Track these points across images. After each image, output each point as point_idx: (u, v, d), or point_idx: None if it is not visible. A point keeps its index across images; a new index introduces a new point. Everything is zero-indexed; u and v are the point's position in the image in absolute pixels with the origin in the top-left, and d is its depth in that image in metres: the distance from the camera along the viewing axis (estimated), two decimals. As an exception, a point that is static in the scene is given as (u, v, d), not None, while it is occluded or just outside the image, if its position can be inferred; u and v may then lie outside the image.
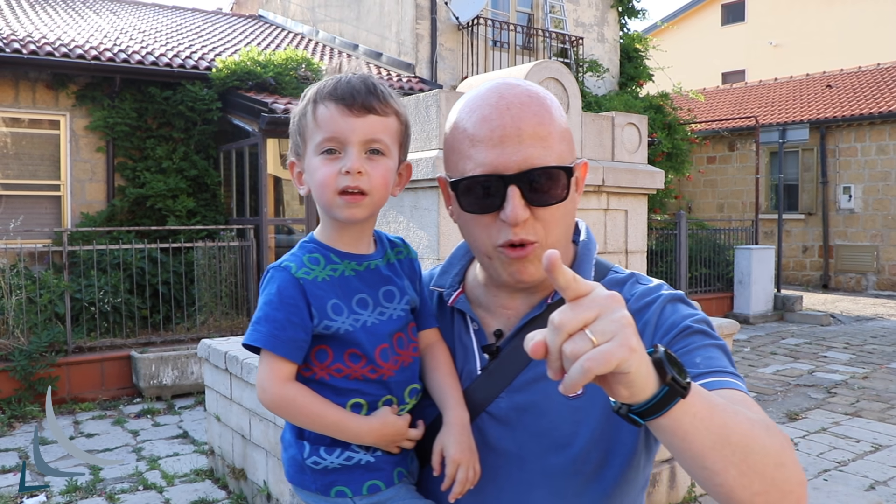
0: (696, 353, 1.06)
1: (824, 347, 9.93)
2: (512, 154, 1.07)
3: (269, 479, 4.30)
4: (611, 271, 1.23)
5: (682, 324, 1.10)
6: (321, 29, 14.42)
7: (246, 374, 4.43)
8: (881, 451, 5.63)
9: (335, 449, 1.18)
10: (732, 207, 17.98)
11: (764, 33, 24.17)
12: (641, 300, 1.15)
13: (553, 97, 1.15)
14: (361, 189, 1.15)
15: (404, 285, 1.25)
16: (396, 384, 1.19)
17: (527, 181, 1.07)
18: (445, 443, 1.14)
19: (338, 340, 1.16)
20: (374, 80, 1.18)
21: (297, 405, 1.15)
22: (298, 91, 9.79)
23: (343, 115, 1.14)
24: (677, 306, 1.13)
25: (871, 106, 15.87)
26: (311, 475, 1.19)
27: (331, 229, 1.22)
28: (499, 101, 1.09)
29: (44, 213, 9.25)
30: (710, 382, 1.00)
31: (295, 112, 1.22)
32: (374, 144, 1.16)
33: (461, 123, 1.12)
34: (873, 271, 15.88)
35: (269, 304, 1.15)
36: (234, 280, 8.57)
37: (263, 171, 9.14)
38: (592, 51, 14.12)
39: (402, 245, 1.32)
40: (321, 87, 1.18)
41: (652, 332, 1.11)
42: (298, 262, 1.18)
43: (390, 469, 1.19)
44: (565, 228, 1.15)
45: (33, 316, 7.13)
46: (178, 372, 7.24)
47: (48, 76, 9.13)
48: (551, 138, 1.09)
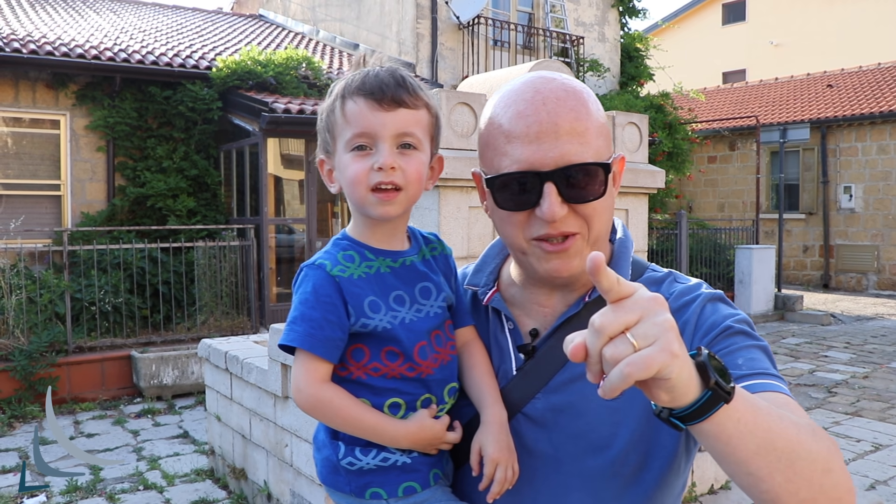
0: (738, 354, 1.04)
1: (825, 347, 9.92)
2: (548, 150, 1.05)
3: (270, 479, 4.29)
4: (648, 269, 1.22)
5: (723, 324, 1.08)
6: (322, 28, 14.42)
7: (246, 374, 4.43)
8: (882, 451, 5.63)
9: (371, 450, 1.15)
10: (733, 207, 17.97)
11: (765, 33, 24.15)
12: (680, 299, 1.13)
13: (590, 91, 1.12)
14: (396, 184, 1.13)
15: (440, 282, 1.22)
16: (436, 383, 1.17)
17: (563, 178, 1.05)
18: (484, 442, 1.12)
19: (375, 338, 1.14)
20: (402, 72, 1.16)
21: (333, 408, 1.12)
22: (299, 91, 9.79)
23: (373, 110, 1.12)
24: (717, 306, 1.12)
25: (872, 105, 15.86)
26: (346, 476, 1.17)
27: (363, 226, 1.20)
28: (534, 95, 1.07)
29: (44, 212, 9.25)
30: (752, 385, 0.98)
31: (322, 108, 1.20)
32: (406, 138, 1.14)
33: (496, 119, 1.10)
34: (874, 271, 15.87)
35: (304, 304, 1.13)
36: (235, 280, 8.56)
37: (264, 170, 9.13)
38: (593, 50, 14.11)
39: (436, 241, 1.29)
40: (349, 82, 1.15)
41: (692, 332, 1.09)
42: (333, 260, 1.16)
43: (426, 470, 1.16)
44: (605, 224, 1.13)
45: (33, 316, 7.13)
46: (179, 372, 7.24)
47: (48, 76, 9.13)
48: (588, 133, 1.07)
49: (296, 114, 8.66)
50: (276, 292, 9.61)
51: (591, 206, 1.08)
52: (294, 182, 10.00)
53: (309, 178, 9.54)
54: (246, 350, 4.77)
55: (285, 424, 4.03)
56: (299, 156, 9.76)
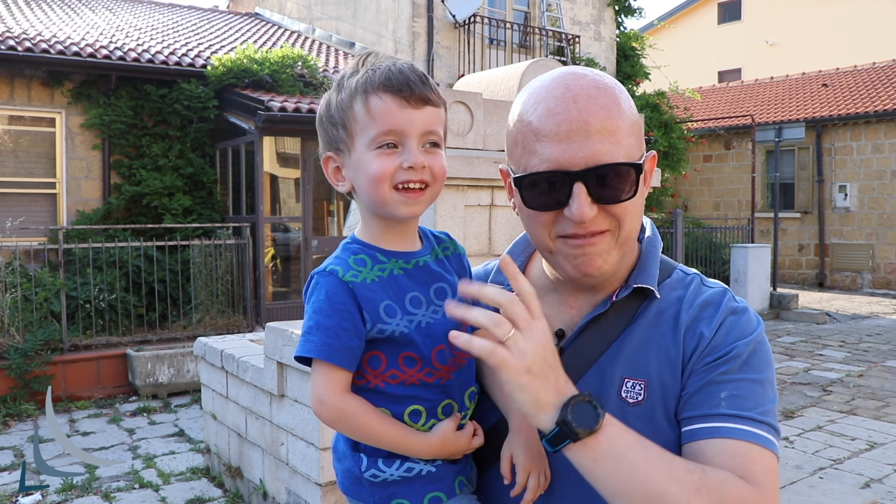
0: (725, 387, 1.03)
1: (820, 346, 9.95)
2: (578, 149, 1.02)
3: (266, 478, 4.30)
4: (676, 269, 1.20)
5: (729, 346, 1.06)
6: (318, 27, 14.40)
7: (242, 373, 4.43)
8: (876, 449, 5.65)
9: (394, 461, 1.13)
10: (728, 206, 18.01)
11: (760, 32, 24.19)
12: (706, 308, 1.11)
13: (622, 88, 1.09)
14: (425, 182, 1.11)
15: (455, 282, 1.19)
16: (455, 388, 1.14)
17: (594, 178, 1.03)
18: (514, 450, 1.09)
19: (391, 344, 1.11)
20: (420, 69, 1.14)
21: (356, 421, 1.09)
22: (295, 89, 9.78)
23: (401, 108, 1.09)
24: (738, 320, 1.10)
25: (867, 105, 15.90)
26: (370, 488, 1.14)
27: (375, 227, 1.16)
28: (565, 92, 1.04)
29: (39, 210, 9.22)
30: (705, 428, 1.01)
31: (331, 103, 1.15)
32: (432, 137, 1.12)
33: (525, 116, 1.07)
34: (869, 270, 15.92)
35: (319, 312, 1.09)
36: (231, 278, 8.55)
37: (260, 168, 9.12)
38: (589, 49, 14.12)
39: (448, 240, 1.26)
40: (370, 78, 1.11)
41: (705, 346, 1.08)
42: (345, 265, 1.12)
43: (451, 479, 1.14)
44: (635, 223, 1.10)
45: (29, 314, 7.11)
46: (174, 370, 7.23)
47: (44, 73, 9.10)
48: (619, 132, 1.04)
49: (292, 112, 8.65)
50: (272, 290, 9.61)
51: (622, 206, 1.06)
52: (290, 180, 10.00)
53: (305, 177, 9.54)
54: (242, 348, 4.77)
55: (281, 423, 4.03)
56: (295, 154, 9.75)
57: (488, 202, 4.07)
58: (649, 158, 1.12)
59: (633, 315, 1.12)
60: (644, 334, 1.11)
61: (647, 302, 1.13)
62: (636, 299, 1.13)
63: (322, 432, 3.61)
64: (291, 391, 3.88)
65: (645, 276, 1.13)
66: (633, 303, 1.13)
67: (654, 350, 1.09)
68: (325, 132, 1.17)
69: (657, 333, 1.10)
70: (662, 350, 1.09)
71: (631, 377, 1.08)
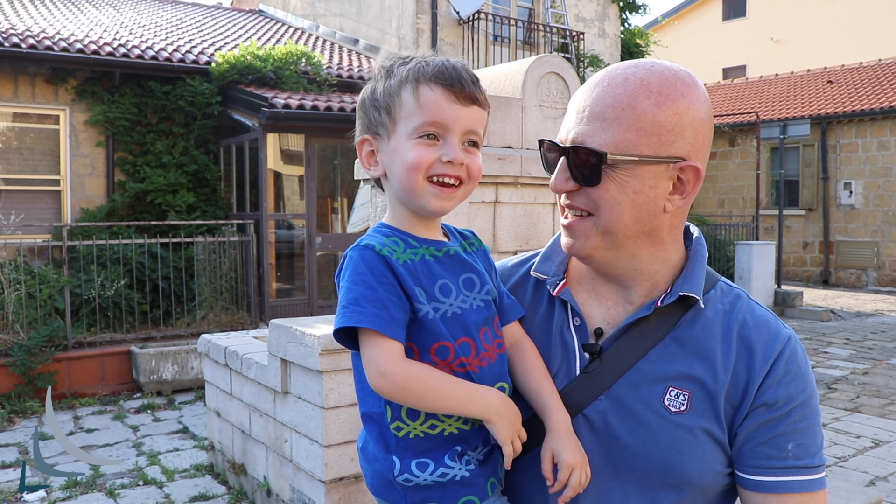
0: (792, 438, 1.08)
1: (825, 343, 9.92)
2: (573, 128, 1.09)
3: (270, 475, 4.30)
4: (719, 282, 1.19)
5: (796, 398, 1.09)
6: (321, 23, 14.39)
7: (246, 370, 4.42)
8: (881, 447, 5.63)
9: (428, 465, 1.10)
10: (733, 203, 17.96)
11: (765, 29, 24.12)
12: (769, 344, 1.12)
13: (672, 94, 1.07)
14: (461, 179, 1.11)
15: (483, 274, 1.18)
16: (485, 382, 1.12)
17: (572, 156, 1.09)
18: (556, 448, 1.09)
19: (423, 333, 1.09)
20: (471, 70, 1.14)
21: (424, 382, 1.05)
22: (299, 86, 9.77)
23: (450, 102, 1.09)
24: (796, 358, 1.12)
25: (872, 102, 15.84)
26: (402, 491, 1.11)
27: (404, 217, 1.16)
28: (602, 77, 1.10)
29: (44, 207, 9.24)
30: (778, 483, 1.07)
31: (375, 86, 1.15)
32: (473, 136, 1.12)
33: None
34: (874, 267, 15.87)
35: (362, 284, 1.05)
36: (235, 275, 8.56)
37: (264, 165, 9.12)
38: (593, 46, 14.09)
39: (473, 237, 1.26)
40: (423, 68, 1.11)
41: (759, 381, 1.09)
42: (380, 242, 1.10)
43: (484, 482, 1.13)
44: (617, 216, 1.08)
45: (33, 311, 7.12)
46: (178, 367, 7.24)
47: (47, 71, 9.10)
48: (617, 122, 1.05)
49: (295, 109, 8.64)
50: (276, 287, 9.61)
51: (597, 192, 1.08)
52: (294, 177, 9.99)
53: (309, 174, 9.53)
54: (245, 345, 4.76)
55: (285, 420, 4.02)
56: (299, 151, 9.74)
57: (492, 199, 4.06)
58: (664, 163, 1.07)
59: (676, 322, 1.13)
60: (691, 345, 1.12)
61: (691, 311, 1.14)
62: (680, 307, 1.14)
63: (326, 429, 3.60)
64: (295, 388, 3.87)
65: (690, 284, 1.13)
66: (676, 310, 1.14)
67: (702, 364, 1.10)
68: (365, 114, 1.17)
69: (706, 346, 1.11)
70: (710, 366, 1.10)
71: (676, 386, 1.10)
